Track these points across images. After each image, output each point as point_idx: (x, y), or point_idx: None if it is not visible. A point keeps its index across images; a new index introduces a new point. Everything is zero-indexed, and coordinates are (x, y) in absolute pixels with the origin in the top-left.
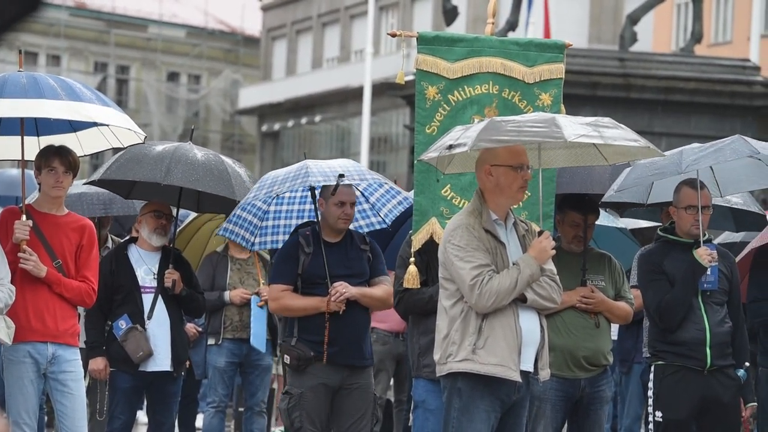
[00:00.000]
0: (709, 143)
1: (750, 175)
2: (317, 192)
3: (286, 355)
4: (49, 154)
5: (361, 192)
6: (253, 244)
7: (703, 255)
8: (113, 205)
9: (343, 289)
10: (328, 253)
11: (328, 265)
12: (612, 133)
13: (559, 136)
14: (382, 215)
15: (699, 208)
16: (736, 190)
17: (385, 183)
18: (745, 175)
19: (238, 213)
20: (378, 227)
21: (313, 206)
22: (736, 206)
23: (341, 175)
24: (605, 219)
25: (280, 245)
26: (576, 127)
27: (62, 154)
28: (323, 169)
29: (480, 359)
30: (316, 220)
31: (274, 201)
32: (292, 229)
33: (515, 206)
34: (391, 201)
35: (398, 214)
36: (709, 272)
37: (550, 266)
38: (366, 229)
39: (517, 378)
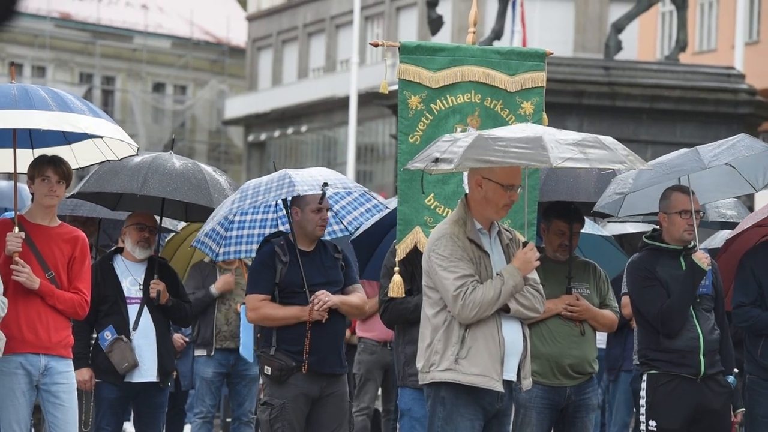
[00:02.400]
0: (718, 142)
1: (722, 185)
2: (288, 201)
3: (266, 366)
4: (42, 163)
5: None
6: (217, 254)
7: (702, 258)
8: (82, 206)
9: (325, 298)
10: (305, 262)
11: (305, 274)
12: (597, 154)
13: (545, 159)
14: (345, 223)
15: (693, 212)
16: (709, 200)
17: (356, 190)
18: (718, 185)
19: (214, 226)
20: (340, 235)
21: (274, 215)
22: (731, 219)
23: (325, 184)
24: (589, 227)
25: (242, 255)
26: (562, 149)
27: (55, 163)
28: (306, 179)
29: (463, 369)
30: (290, 229)
31: (239, 211)
32: (254, 239)
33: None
34: (358, 208)
35: (364, 222)
36: (704, 276)
37: (534, 275)
38: (327, 237)
39: (500, 388)
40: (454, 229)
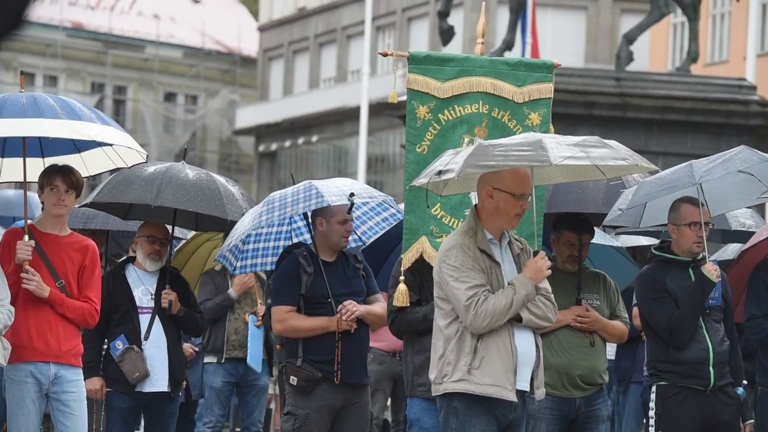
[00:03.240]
0: (716, 155)
1: (740, 192)
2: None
3: (292, 377)
4: (51, 172)
5: None
6: (235, 268)
7: (711, 270)
8: (94, 219)
9: (353, 308)
10: (328, 273)
11: (329, 285)
12: (599, 152)
13: (545, 159)
14: (359, 233)
15: (702, 224)
16: (726, 209)
17: (372, 199)
18: (735, 193)
19: (237, 243)
20: (353, 245)
21: (288, 227)
22: (750, 229)
23: (352, 194)
24: (601, 238)
25: (258, 268)
26: (562, 149)
27: (64, 172)
28: (332, 189)
29: (476, 379)
30: (312, 240)
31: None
32: (269, 252)
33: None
34: (374, 218)
35: (380, 231)
36: (714, 288)
37: (545, 285)
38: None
39: (513, 398)
40: (464, 239)
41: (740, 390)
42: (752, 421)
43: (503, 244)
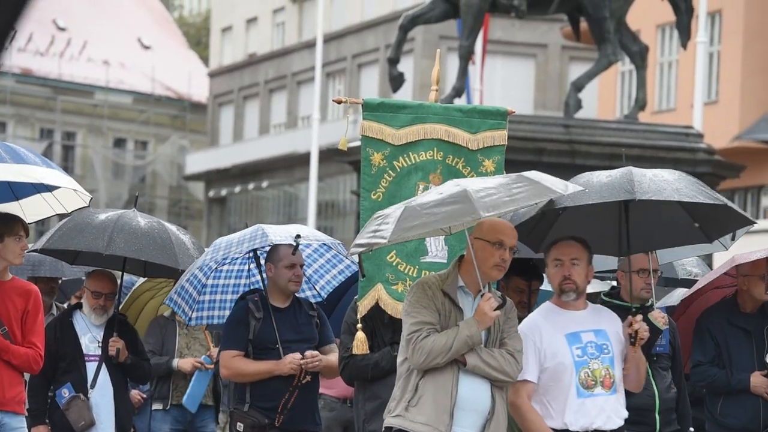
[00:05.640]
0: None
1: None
2: (261, 258)
3: (239, 423)
4: (11, 221)
5: None
6: (190, 318)
7: (659, 317)
8: (41, 267)
9: (317, 359)
10: (278, 318)
11: (278, 331)
12: (525, 192)
13: (474, 212)
14: (317, 288)
15: (651, 271)
16: (673, 258)
17: (331, 248)
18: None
19: (183, 284)
20: (312, 300)
21: (247, 281)
22: (696, 278)
23: (298, 236)
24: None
25: (215, 321)
26: (488, 199)
27: (22, 221)
28: (280, 231)
29: (410, 416)
30: (262, 286)
31: (213, 274)
32: (226, 305)
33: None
34: (330, 271)
35: (336, 285)
36: (661, 335)
37: (515, 343)
38: None
39: None
40: (431, 279)
41: None
42: None
43: (478, 297)
